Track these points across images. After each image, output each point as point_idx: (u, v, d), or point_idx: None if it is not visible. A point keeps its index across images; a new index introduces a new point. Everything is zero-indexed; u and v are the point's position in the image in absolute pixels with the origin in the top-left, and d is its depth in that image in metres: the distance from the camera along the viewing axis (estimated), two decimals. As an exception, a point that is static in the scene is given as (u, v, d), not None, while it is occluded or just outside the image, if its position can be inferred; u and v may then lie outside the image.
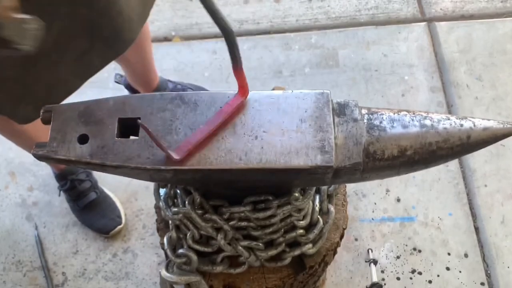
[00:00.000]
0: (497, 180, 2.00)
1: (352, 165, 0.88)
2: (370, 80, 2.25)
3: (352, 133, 0.89)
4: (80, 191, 1.89)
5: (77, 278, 1.87)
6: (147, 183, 1.98)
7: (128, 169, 0.85)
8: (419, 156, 0.91)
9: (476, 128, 0.92)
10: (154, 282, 1.84)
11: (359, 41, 2.36)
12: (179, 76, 2.27)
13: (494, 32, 2.37)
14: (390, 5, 2.47)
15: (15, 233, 1.95)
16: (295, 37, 2.39)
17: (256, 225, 1.06)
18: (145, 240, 1.92)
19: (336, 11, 2.46)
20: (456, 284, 1.81)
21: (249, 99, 0.91)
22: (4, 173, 2.07)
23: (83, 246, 1.92)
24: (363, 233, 1.91)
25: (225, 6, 2.49)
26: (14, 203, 2.01)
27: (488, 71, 2.25)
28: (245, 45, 2.35)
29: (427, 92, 2.21)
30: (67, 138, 0.87)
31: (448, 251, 1.87)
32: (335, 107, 0.92)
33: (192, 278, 1.09)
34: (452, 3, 2.48)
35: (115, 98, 0.91)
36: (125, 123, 0.89)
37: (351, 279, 1.83)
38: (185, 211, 1.03)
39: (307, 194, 1.05)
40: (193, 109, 0.89)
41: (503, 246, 1.87)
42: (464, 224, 1.92)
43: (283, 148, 0.86)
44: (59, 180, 1.92)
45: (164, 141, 0.86)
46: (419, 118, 0.92)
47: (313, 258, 1.17)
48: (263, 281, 1.16)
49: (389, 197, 1.98)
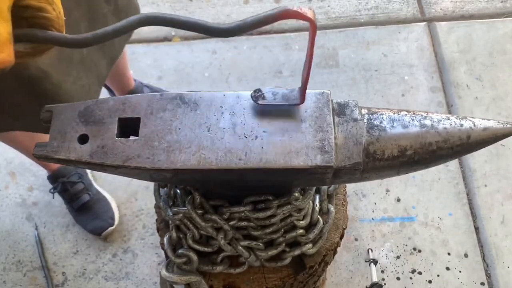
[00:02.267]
0: (497, 180, 2.00)
1: (352, 165, 0.88)
2: (370, 80, 2.25)
3: (352, 133, 0.89)
4: (72, 193, 1.90)
5: (77, 278, 1.87)
6: (147, 183, 1.98)
7: (128, 169, 0.85)
8: (419, 156, 0.91)
9: (476, 128, 0.92)
10: (154, 282, 1.84)
11: (359, 41, 2.36)
12: (179, 76, 2.27)
13: (494, 32, 2.37)
14: (390, 5, 2.47)
15: (15, 233, 1.96)
16: (295, 37, 2.39)
17: (256, 225, 1.06)
18: (145, 240, 1.92)
19: (336, 11, 2.46)
20: (456, 284, 1.81)
21: (249, 99, 0.91)
22: (4, 173, 2.07)
23: (83, 246, 1.92)
24: (363, 233, 1.92)
25: (225, 6, 2.49)
26: (14, 203, 2.01)
27: (488, 71, 2.25)
28: (245, 45, 2.35)
29: (427, 92, 2.21)
30: (67, 138, 0.87)
31: (448, 251, 1.87)
32: (335, 107, 0.92)
33: (192, 278, 1.09)
34: (452, 3, 2.48)
35: (115, 98, 0.91)
36: (125, 123, 0.89)
37: (351, 279, 1.83)
38: (185, 211, 1.03)
39: (307, 194, 1.05)
40: (193, 109, 0.89)
41: (503, 246, 1.87)
42: (464, 224, 1.92)
43: (283, 148, 0.86)
44: (51, 182, 1.93)
45: (164, 141, 0.86)
46: (419, 118, 0.92)
47: (313, 258, 1.17)
48: (263, 281, 1.16)
49: (389, 197, 1.98)
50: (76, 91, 1.25)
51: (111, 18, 1.33)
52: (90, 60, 1.29)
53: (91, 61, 1.30)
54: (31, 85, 1.14)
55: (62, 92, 1.19)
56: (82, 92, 1.28)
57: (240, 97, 0.91)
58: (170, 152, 0.86)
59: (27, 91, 1.15)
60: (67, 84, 1.20)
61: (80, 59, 1.24)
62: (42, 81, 1.14)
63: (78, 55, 1.23)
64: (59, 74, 1.17)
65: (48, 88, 1.16)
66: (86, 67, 1.28)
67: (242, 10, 2.48)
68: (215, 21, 2.43)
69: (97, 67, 1.34)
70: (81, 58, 1.25)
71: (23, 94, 1.16)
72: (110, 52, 1.38)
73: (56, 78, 1.16)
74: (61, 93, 1.19)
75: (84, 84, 1.28)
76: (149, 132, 0.87)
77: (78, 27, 1.20)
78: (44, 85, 1.15)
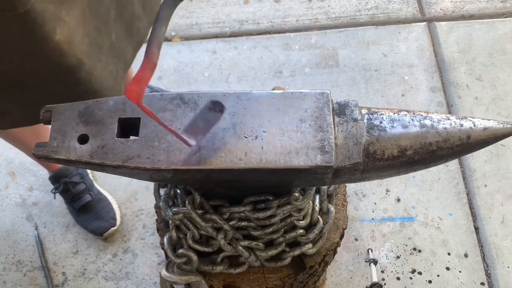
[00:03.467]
0: (497, 180, 2.00)
1: (352, 165, 0.88)
2: (370, 80, 2.25)
3: (352, 133, 0.89)
4: (74, 193, 1.90)
5: (77, 278, 1.87)
6: (147, 183, 1.98)
7: (128, 169, 0.86)
8: (419, 156, 0.91)
9: (476, 128, 0.92)
10: (154, 282, 1.84)
11: (359, 41, 2.36)
12: (179, 76, 2.27)
13: (494, 32, 2.37)
14: (390, 5, 2.47)
15: (15, 233, 1.96)
16: (295, 37, 2.39)
17: (256, 225, 1.06)
18: (145, 240, 1.92)
19: (336, 11, 2.47)
20: (456, 284, 1.81)
21: (249, 99, 0.91)
22: (4, 173, 2.07)
23: (83, 246, 1.92)
24: (363, 233, 1.92)
25: (225, 6, 2.49)
26: (14, 203, 2.01)
27: (488, 71, 2.26)
28: (245, 45, 2.35)
29: (427, 92, 2.21)
30: (67, 138, 0.88)
31: (448, 251, 1.87)
32: (335, 107, 0.92)
33: (192, 278, 1.09)
34: (452, 3, 2.48)
35: (115, 98, 0.91)
36: (125, 123, 0.89)
37: (351, 279, 1.83)
38: (185, 211, 1.03)
39: (307, 194, 1.05)
40: (193, 109, 0.89)
41: (503, 246, 1.87)
42: (464, 224, 1.92)
43: (283, 148, 0.86)
44: (53, 182, 1.93)
45: (164, 141, 0.87)
46: (419, 118, 0.92)
47: (313, 258, 1.17)
48: (263, 281, 1.16)
49: (389, 197, 1.98)
50: (105, 77, 1.25)
51: (137, 4, 1.34)
52: (119, 46, 1.30)
53: (119, 47, 1.31)
54: (68, 73, 1.14)
55: (93, 80, 1.20)
56: (111, 78, 1.28)
57: (240, 97, 0.91)
58: (170, 152, 0.86)
59: (63, 80, 1.16)
60: (97, 71, 1.21)
61: (109, 46, 1.25)
62: (77, 69, 1.14)
63: (108, 42, 1.24)
64: (90, 61, 1.17)
65: (82, 77, 1.16)
66: (114, 53, 1.29)
67: (242, 10, 2.48)
68: (215, 21, 2.43)
69: (124, 53, 1.35)
70: (111, 45, 1.26)
71: (60, 83, 1.17)
72: (137, 37, 1.39)
73: (88, 65, 1.16)
74: (92, 80, 1.19)
75: (112, 70, 1.29)
76: (149, 132, 0.87)
77: (108, 14, 1.21)
78: (79, 74, 1.16)
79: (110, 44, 1.25)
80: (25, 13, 0.95)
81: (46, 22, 1.00)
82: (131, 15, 1.32)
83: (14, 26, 0.98)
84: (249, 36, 2.39)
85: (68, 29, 1.07)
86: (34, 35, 1.01)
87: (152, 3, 1.44)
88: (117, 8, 1.25)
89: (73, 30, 1.09)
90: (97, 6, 1.16)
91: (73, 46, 1.10)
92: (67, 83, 1.17)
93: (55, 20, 1.02)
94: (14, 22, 0.97)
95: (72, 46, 1.09)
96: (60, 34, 1.05)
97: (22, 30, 0.99)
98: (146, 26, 1.42)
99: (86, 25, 1.13)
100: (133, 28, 1.35)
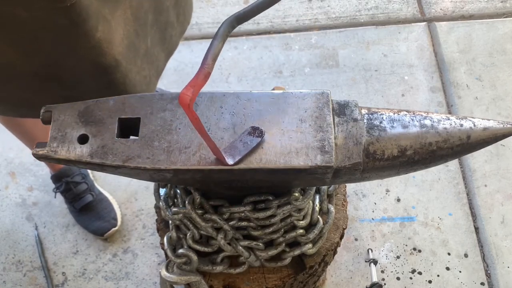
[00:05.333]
0: (497, 180, 2.00)
1: (352, 165, 0.88)
2: (370, 80, 2.25)
3: (352, 133, 0.89)
4: (75, 193, 1.90)
5: (77, 278, 1.87)
6: (147, 183, 1.98)
7: (128, 169, 0.86)
8: (419, 156, 0.91)
9: (476, 128, 0.92)
10: (154, 282, 1.84)
11: (359, 41, 2.36)
12: (179, 76, 2.27)
13: (494, 32, 2.37)
14: (390, 5, 2.47)
15: (15, 233, 1.96)
16: (295, 37, 2.39)
17: (256, 225, 1.06)
18: (145, 240, 1.92)
19: (336, 11, 2.47)
20: (456, 284, 1.81)
21: (249, 99, 0.91)
22: (4, 173, 2.07)
23: (83, 246, 1.92)
24: (363, 233, 1.92)
25: (225, 6, 2.49)
26: (14, 203, 2.01)
27: (488, 71, 2.26)
28: (245, 45, 2.35)
29: (427, 92, 2.21)
30: (67, 138, 0.88)
31: (448, 251, 1.87)
32: (335, 107, 0.92)
33: (192, 278, 1.09)
34: (452, 3, 2.48)
35: (115, 98, 0.91)
36: (125, 123, 0.89)
37: (351, 279, 1.83)
38: (185, 211, 1.03)
39: (307, 194, 1.05)
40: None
41: (503, 246, 1.87)
42: (464, 224, 1.92)
43: (283, 148, 0.86)
44: (55, 181, 1.92)
45: (164, 141, 0.87)
46: (419, 118, 0.92)
47: (313, 258, 1.17)
48: (263, 281, 1.16)
49: (389, 197, 1.98)
50: (139, 81, 1.25)
51: (172, 11, 1.34)
52: (153, 52, 1.30)
53: (153, 53, 1.31)
54: (105, 74, 1.14)
55: (128, 82, 1.20)
56: (144, 83, 1.28)
57: (240, 97, 0.91)
58: (170, 152, 0.86)
59: (98, 79, 1.15)
60: (132, 74, 1.21)
61: (145, 51, 1.25)
62: (113, 69, 1.14)
63: (144, 46, 1.24)
64: (127, 63, 1.17)
65: (117, 77, 1.16)
66: (149, 58, 1.29)
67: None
68: (215, 21, 2.43)
69: (158, 60, 1.35)
70: (146, 49, 1.26)
71: (94, 82, 1.17)
72: (169, 45, 1.39)
73: (124, 67, 1.16)
74: (126, 82, 1.19)
75: (146, 75, 1.29)
76: (149, 132, 0.87)
77: (146, 18, 1.21)
78: (115, 74, 1.15)
79: (145, 48, 1.25)
80: (71, 6, 0.94)
81: (90, 18, 1.00)
82: (165, 22, 1.32)
83: (60, 19, 0.97)
84: (249, 36, 2.39)
85: (109, 28, 1.07)
86: (77, 30, 1.00)
87: (185, 13, 1.43)
88: (154, 13, 1.25)
89: (114, 29, 1.08)
90: (137, 8, 1.16)
91: (112, 46, 1.09)
92: (101, 83, 1.17)
93: (98, 18, 1.02)
94: (60, 16, 0.96)
95: (111, 46, 1.09)
96: (102, 32, 1.04)
97: (66, 23, 0.98)
98: (178, 35, 1.41)
99: (126, 26, 1.13)
100: (166, 35, 1.35)
